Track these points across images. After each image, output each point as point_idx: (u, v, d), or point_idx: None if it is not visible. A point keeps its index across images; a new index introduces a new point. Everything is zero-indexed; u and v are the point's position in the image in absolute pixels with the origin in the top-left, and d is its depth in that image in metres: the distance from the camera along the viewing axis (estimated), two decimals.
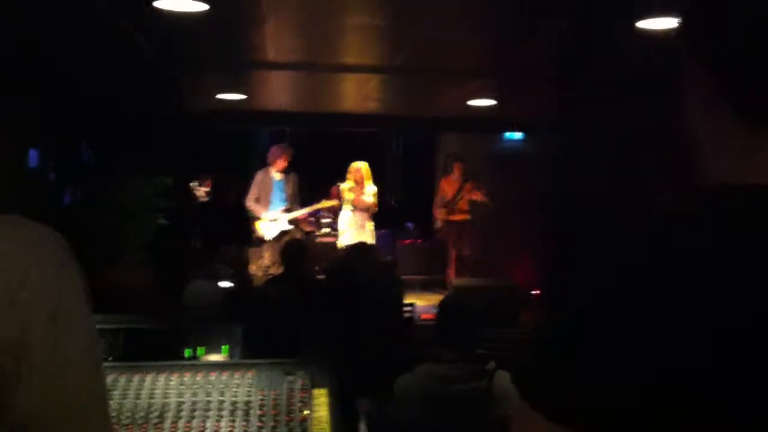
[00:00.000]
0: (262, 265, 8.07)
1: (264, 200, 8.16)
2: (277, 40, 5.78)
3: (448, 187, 9.32)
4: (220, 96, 8.04)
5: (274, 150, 8.31)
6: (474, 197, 9.10)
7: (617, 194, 7.66)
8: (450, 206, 9.17)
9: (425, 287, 9.33)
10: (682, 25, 0.87)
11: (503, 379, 2.95)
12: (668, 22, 4.80)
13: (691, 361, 0.73)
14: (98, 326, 2.02)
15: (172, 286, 4.81)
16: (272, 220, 8.12)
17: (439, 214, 9.34)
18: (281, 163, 8.17)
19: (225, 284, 4.82)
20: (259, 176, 8.28)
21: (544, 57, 5.92)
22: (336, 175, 9.47)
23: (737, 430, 0.72)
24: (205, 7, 4.71)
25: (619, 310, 0.77)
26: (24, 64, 5.05)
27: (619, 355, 0.75)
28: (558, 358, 0.81)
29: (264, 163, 8.41)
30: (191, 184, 10.21)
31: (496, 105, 8.26)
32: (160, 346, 2.00)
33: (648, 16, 4.78)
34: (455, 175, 9.30)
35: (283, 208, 8.19)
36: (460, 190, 9.15)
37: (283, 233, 8.13)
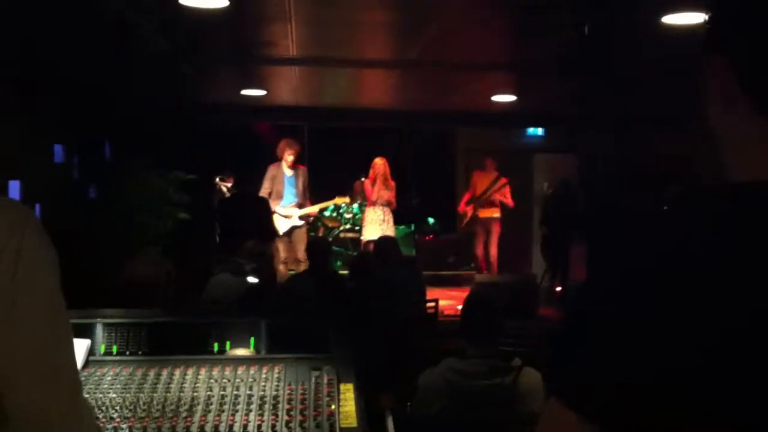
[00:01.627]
0: (279, 259, 8.11)
1: (276, 194, 8.20)
2: (295, 36, 5.78)
3: (480, 181, 9.24)
4: (242, 92, 8.07)
5: (281, 145, 8.34)
6: (501, 197, 9.05)
7: (632, 193, 7.62)
8: (479, 201, 9.09)
9: (447, 283, 9.30)
10: (704, 21, 0.85)
11: (530, 376, 2.93)
12: (688, 18, 4.74)
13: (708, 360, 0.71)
14: (129, 321, 2.04)
15: (194, 279, 4.83)
16: (285, 216, 8.16)
17: (468, 210, 9.25)
18: (288, 158, 8.20)
19: (249, 279, 4.83)
20: (271, 170, 8.31)
21: (563, 52, 5.87)
22: (354, 171, 9.47)
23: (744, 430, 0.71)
24: (225, 3, 4.72)
25: (642, 308, 0.75)
26: (47, 63, 5.09)
27: (650, 352, 0.74)
28: (587, 354, 0.80)
29: (278, 158, 8.45)
30: (216, 180, 10.27)
31: (516, 101, 8.21)
32: (189, 340, 2.01)
33: (670, 12, 4.73)
34: (489, 169, 9.25)
35: (295, 203, 8.23)
36: (493, 184, 9.08)
37: (294, 228, 8.18)
